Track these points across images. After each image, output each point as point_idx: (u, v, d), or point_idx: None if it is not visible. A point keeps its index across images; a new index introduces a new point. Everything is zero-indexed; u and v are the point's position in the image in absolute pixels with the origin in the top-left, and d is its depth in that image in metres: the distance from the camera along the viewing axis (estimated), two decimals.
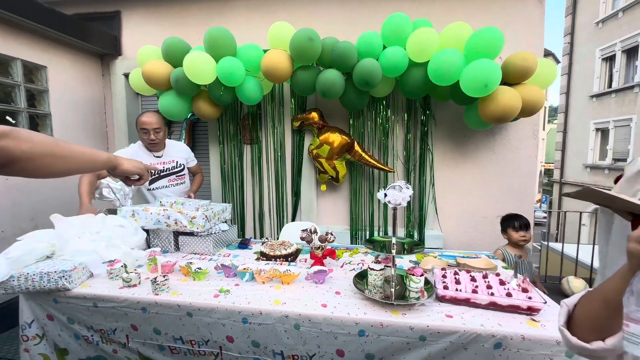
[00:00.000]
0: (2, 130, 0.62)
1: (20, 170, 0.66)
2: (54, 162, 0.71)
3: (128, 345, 1.33)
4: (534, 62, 2.02)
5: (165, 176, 2.09)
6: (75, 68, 2.83)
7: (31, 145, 0.66)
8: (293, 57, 2.29)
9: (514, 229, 1.97)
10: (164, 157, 2.10)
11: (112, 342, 1.35)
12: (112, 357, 1.38)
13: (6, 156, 0.63)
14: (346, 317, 1.10)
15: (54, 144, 0.71)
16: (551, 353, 0.98)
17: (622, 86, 8.35)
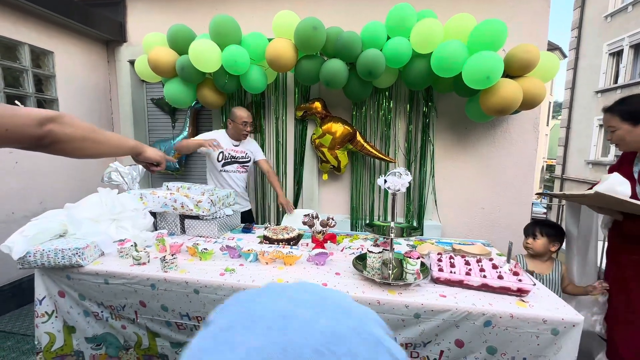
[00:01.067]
0: (53, 115, 0.70)
1: (60, 150, 0.74)
2: (90, 146, 0.79)
3: (137, 321, 1.40)
4: (536, 54, 2.04)
5: (236, 162, 2.34)
6: (82, 54, 2.86)
7: (73, 130, 0.74)
8: (297, 47, 2.31)
9: (525, 233, 1.69)
10: (240, 147, 2.35)
11: (122, 317, 1.42)
12: (121, 333, 1.44)
13: (52, 138, 0.71)
14: None
15: (92, 129, 0.79)
16: (537, 331, 1.04)
17: (629, 82, 8.27)
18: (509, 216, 2.70)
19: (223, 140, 2.27)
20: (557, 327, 1.02)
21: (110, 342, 1.46)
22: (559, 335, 1.03)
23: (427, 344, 1.15)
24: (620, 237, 1.43)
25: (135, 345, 1.43)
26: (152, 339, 1.40)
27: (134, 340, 1.42)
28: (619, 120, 1.32)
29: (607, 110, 1.38)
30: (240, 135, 2.30)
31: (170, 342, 1.39)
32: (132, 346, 1.44)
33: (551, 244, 1.59)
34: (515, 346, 1.07)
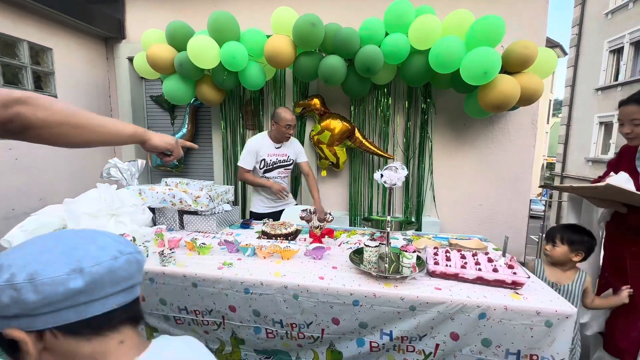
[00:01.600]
0: (18, 96, 0.61)
1: (36, 136, 0.66)
2: (72, 132, 0.69)
3: None
4: (534, 50, 2.04)
5: (277, 168, 2.28)
6: (80, 51, 2.86)
7: (49, 113, 0.65)
8: (296, 43, 2.31)
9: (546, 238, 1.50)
10: (281, 149, 2.29)
11: None
12: None
13: (21, 122, 0.62)
14: (342, 288, 1.17)
15: (72, 113, 0.69)
16: (531, 323, 1.05)
17: (629, 79, 8.25)
18: (507, 212, 2.71)
19: (265, 143, 2.23)
20: (551, 319, 1.04)
21: None
22: (553, 327, 1.04)
23: (423, 337, 1.16)
24: (620, 229, 1.45)
25: None
26: (150, 334, 1.42)
27: None
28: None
29: (636, 102, 1.33)
30: (282, 138, 2.24)
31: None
32: None
33: (573, 253, 1.38)
34: (509, 338, 1.08)
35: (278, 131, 2.19)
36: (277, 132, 2.20)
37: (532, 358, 1.08)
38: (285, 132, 2.18)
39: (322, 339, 1.24)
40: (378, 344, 1.19)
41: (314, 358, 1.28)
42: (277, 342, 1.29)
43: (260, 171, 2.26)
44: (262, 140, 2.25)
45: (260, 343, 1.31)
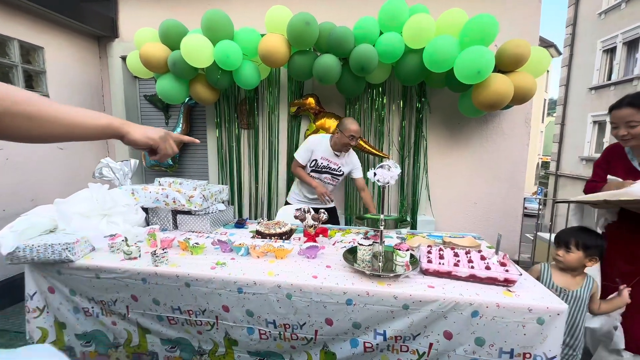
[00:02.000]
0: None
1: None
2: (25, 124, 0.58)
3: (128, 317, 1.39)
4: (527, 49, 2.05)
5: (325, 173, 2.26)
6: (72, 50, 2.83)
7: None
8: (290, 42, 2.30)
9: (557, 243, 1.40)
10: (339, 159, 2.25)
11: (112, 313, 1.42)
12: (111, 330, 1.43)
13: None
14: (335, 287, 1.17)
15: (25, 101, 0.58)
16: (523, 320, 1.06)
17: (622, 79, 8.35)
18: (501, 211, 2.73)
19: (323, 146, 2.20)
20: (543, 316, 1.04)
21: (99, 339, 1.46)
22: (545, 324, 1.05)
23: (417, 336, 1.16)
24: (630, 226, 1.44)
25: (125, 342, 1.43)
26: (142, 335, 1.40)
27: (124, 337, 1.42)
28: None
29: (630, 105, 1.35)
30: (343, 147, 2.18)
31: (161, 338, 1.39)
32: (122, 344, 1.43)
33: (587, 258, 1.32)
34: (502, 337, 1.09)
35: (340, 140, 2.14)
36: (339, 140, 2.14)
37: (525, 356, 1.09)
38: (347, 143, 2.12)
39: (315, 340, 1.23)
40: (372, 344, 1.18)
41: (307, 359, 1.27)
42: (271, 343, 1.28)
43: (308, 168, 2.25)
44: (322, 142, 2.22)
45: (254, 344, 1.30)
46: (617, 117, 1.40)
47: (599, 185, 1.54)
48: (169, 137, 0.83)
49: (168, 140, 0.83)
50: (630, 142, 1.40)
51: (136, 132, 0.75)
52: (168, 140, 0.83)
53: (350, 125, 2.10)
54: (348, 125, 2.11)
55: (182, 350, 1.39)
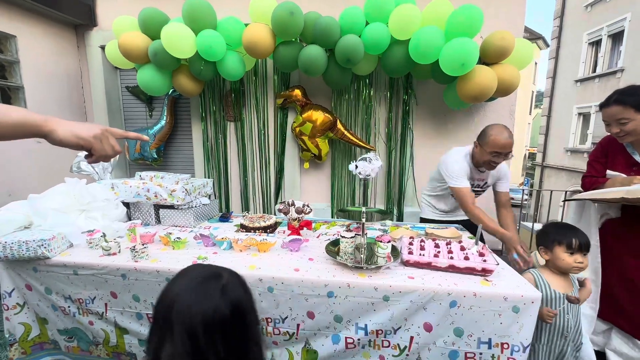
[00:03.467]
0: None
1: None
2: None
3: (106, 315, 1.36)
4: (511, 41, 2.06)
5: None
6: (48, 39, 2.71)
7: None
8: (275, 32, 2.25)
9: (568, 248, 1.20)
10: (484, 174, 1.77)
11: (90, 313, 1.38)
12: (89, 329, 1.40)
13: None
14: (316, 279, 1.17)
15: None
16: (500, 309, 1.08)
17: (606, 71, 8.50)
18: (487, 201, 2.76)
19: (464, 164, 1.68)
20: (518, 304, 1.07)
21: (80, 336, 1.44)
22: (520, 312, 1.07)
23: (397, 330, 1.17)
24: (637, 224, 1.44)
25: (104, 341, 1.40)
26: (120, 336, 1.37)
27: (102, 337, 1.39)
28: (634, 112, 1.31)
29: (617, 103, 1.34)
30: (485, 165, 1.66)
31: (139, 339, 1.36)
32: (101, 342, 1.41)
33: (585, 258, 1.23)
34: (480, 326, 1.11)
35: (481, 156, 1.62)
36: (480, 157, 1.63)
37: (503, 347, 1.11)
38: (489, 161, 1.59)
39: (297, 335, 1.23)
40: (353, 340, 1.19)
41: (288, 359, 1.27)
42: None
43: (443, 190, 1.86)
44: (466, 159, 1.70)
45: None
46: (607, 115, 1.39)
47: (599, 181, 1.51)
48: (109, 135, 0.71)
49: (106, 139, 0.71)
50: (625, 138, 1.38)
51: (62, 130, 0.65)
52: (106, 139, 0.71)
53: (494, 137, 1.53)
54: (491, 136, 1.54)
55: None
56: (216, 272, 0.61)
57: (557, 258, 1.23)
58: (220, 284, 0.58)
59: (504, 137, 1.51)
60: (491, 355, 1.12)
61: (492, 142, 1.54)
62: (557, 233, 1.25)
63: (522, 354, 1.10)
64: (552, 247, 1.25)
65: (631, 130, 1.34)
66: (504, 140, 1.51)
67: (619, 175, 1.44)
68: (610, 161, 1.51)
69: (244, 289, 0.63)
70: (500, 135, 1.52)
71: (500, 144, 1.52)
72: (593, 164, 1.59)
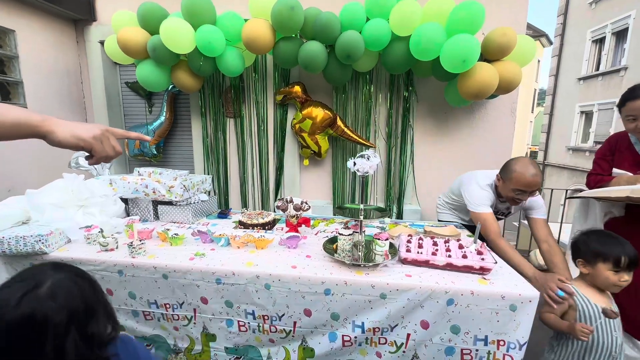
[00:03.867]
0: None
1: None
2: None
3: None
4: (513, 38, 2.03)
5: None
6: (47, 33, 2.70)
7: None
8: (275, 27, 2.23)
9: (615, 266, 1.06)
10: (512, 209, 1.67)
11: None
12: None
13: None
14: (313, 277, 1.17)
15: None
16: (497, 307, 1.08)
17: (609, 69, 8.43)
18: None
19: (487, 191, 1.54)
20: (515, 303, 1.06)
21: None
22: (517, 310, 1.07)
23: (394, 327, 1.17)
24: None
25: None
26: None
27: None
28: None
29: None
30: (507, 200, 1.53)
31: (135, 336, 1.37)
32: None
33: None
34: (477, 324, 1.11)
35: (504, 191, 1.49)
36: (503, 192, 1.50)
37: (499, 344, 1.11)
38: (512, 199, 1.46)
39: (294, 333, 1.23)
40: (350, 338, 1.19)
41: (285, 357, 1.27)
42: (249, 336, 1.28)
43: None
44: (491, 188, 1.56)
45: (232, 337, 1.29)
46: (634, 108, 1.33)
47: (605, 179, 1.48)
48: (109, 136, 0.70)
49: (107, 140, 0.69)
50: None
51: (61, 131, 0.63)
52: (107, 139, 0.69)
53: (518, 174, 1.38)
54: (515, 172, 1.40)
55: (157, 348, 1.38)
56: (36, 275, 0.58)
57: (599, 275, 1.08)
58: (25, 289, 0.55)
59: (530, 174, 1.36)
60: (487, 352, 1.12)
61: (515, 179, 1.39)
62: (602, 246, 1.08)
63: (518, 352, 1.10)
64: (594, 263, 1.09)
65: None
66: (530, 178, 1.36)
67: (625, 173, 1.42)
68: (617, 159, 1.49)
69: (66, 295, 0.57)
70: (525, 172, 1.37)
71: (524, 182, 1.37)
72: (599, 162, 1.57)
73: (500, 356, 1.12)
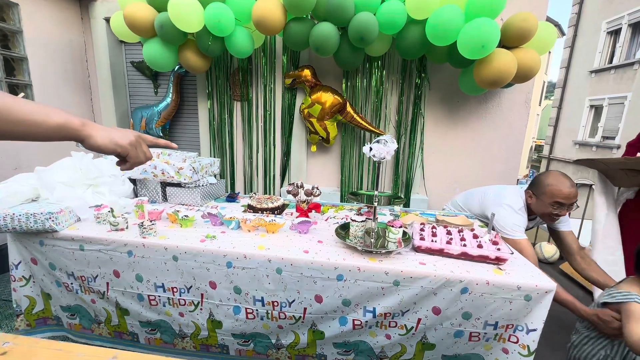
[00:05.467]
0: None
1: None
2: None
3: (107, 295, 1.35)
4: (534, 23, 1.95)
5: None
6: (51, 8, 2.62)
7: None
8: (286, 7, 2.16)
9: None
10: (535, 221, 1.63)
11: (91, 291, 1.38)
12: (91, 307, 1.41)
13: None
14: (326, 262, 1.16)
15: None
16: (511, 297, 1.07)
17: (623, 62, 8.22)
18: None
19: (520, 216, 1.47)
20: (531, 294, 1.05)
21: (82, 314, 1.45)
22: (532, 300, 1.06)
23: (406, 312, 1.17)
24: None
25: (106, 320, 1.42)
26: (121, 316, 1.38)
27: (104, 315, 1.40)
28: None
29: None
30: (542, 218, 1.50)
31: (140, 320, 1.37)
32: (103, 321, 1.42)
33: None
34: (489, 311, 1.10)
35: (538, 208, 1.45)
36: (538, 208, 1.45)
37: (507, 327, 1.11)
38: (551, 214, 1.41)
39: (303, 319, 1.23)
40: (361, 322, 1.19)
41: (295, 339, 1.27)
42: (257, 323, 1.27)
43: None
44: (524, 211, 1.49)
45: (239, 325, 1.29)
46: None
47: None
48: (142, 142, 0.71)
49: (140, 146, 0.70)
50: None
51: (100, 136, 0.63)
52: (140, 145, 0.70)
53: (554, 187, 1.36)
54: (550, 186, 1.37)
55: (162, 333, 1.38)
56: None
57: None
58: None
59: (567, 185, 1.35)
60: (494, 335, 1.13)
61: (551, 193, 1.36)
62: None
63: (525, 335, 1.10)
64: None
65: None
66: (568, 190, 1.34)
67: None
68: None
69: None
70: (561, 184, 1.35)
71: (563, 194, 1.34)
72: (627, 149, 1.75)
73: (506, 336, 1.13)
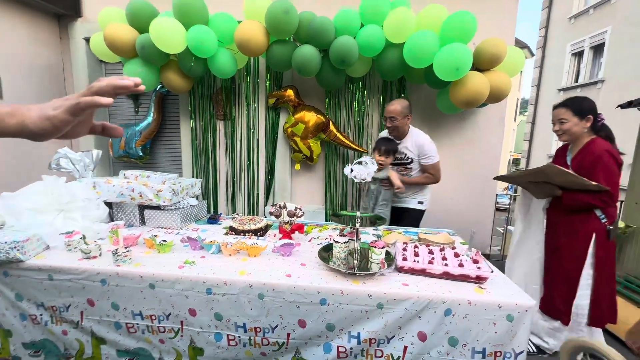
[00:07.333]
0: None
1: None
2: None
3: (81, 324, 1.27)
4: (503, 49, 2.08)
5: (394, 165, 2.12)
6: (27, 29, 2.58)
7: None
8: (269, 30, 2.21)
9: None
10: (401, 144, 2.11)
11: (64, 321, 1.29)
12: (61, 340, 1.31)
13: None
14: (309, 286, 1.13)
15: None
16: (494, 317, 1.07)
17: (588, 81, 8.81)
18: (475, 205, 2.80)
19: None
20: (512, 313, 1.06)
21: (49, 349, 1.34)
22: (514, 321, 1.06)
23: (391, 339, 1.14)
24: (557, 211, 1.70)
25: (77, 354, 1.31)
26: (96, 346, 1.29)
27: (76, 348, 1.30)
28: (571, 114, 1.61)
29: (560, 106, 1.67)
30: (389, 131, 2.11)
31: (117, 349, 1.28)
32: (74, 355, 1.31)
33: None
34: (474, 335, 1.09)
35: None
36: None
37: (496, 355, 1.10)
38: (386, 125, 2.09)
39: (287, 345, 1.19)
40: (345, 349, 1.16)
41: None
42: (239, 350, 1.22)
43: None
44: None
45: (221, 353, 1.23)
46: (554, 115, 1.69)
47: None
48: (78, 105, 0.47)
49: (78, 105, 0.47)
50: (562, 137, 1.67)
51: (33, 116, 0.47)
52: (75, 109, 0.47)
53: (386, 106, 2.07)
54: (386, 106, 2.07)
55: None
56: None
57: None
58: None
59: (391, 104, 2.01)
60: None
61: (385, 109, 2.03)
62: None
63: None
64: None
65: (566, 129, 1.62)
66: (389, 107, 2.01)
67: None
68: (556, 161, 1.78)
69: None
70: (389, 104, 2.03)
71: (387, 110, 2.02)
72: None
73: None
